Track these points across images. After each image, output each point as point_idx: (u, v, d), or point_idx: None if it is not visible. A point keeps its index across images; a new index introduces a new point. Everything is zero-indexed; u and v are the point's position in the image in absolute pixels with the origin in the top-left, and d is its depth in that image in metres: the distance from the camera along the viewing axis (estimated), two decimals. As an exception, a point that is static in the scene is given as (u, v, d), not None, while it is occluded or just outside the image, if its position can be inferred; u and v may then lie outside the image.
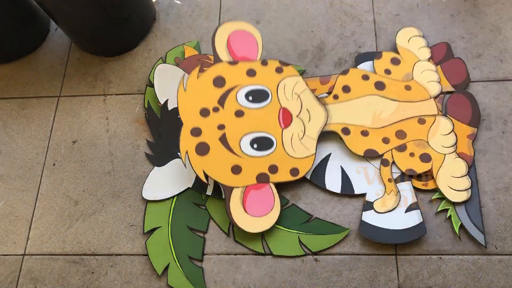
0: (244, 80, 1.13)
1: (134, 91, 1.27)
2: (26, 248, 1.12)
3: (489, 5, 1.26)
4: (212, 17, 1.35)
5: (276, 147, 1.07)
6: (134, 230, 1.10)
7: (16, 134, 1.26)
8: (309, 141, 1.08)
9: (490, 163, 1.07)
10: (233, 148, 1.07)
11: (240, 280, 1.02)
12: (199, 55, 1.27)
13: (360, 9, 1.30)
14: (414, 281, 0.99)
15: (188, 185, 1.11)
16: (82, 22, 1.21)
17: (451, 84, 1.15)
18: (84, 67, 1.33)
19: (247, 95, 1.11)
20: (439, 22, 1.25)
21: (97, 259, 1.08)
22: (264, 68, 1.14)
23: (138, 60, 1.31)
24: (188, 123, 1.09)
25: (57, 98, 1.29)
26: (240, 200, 1.03)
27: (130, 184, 1.15)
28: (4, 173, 1.21)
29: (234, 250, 1.05)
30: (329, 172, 1.08)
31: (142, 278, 1.05)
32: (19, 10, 1.29)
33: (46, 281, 1.07)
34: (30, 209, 1.16)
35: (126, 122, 1.23)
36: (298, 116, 1.09)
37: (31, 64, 1.36)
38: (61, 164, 1.20)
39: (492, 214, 1.02)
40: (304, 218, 1.06)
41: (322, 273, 1.01)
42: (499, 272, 0.98)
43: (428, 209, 1.03)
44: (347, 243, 1.03)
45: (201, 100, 1.11)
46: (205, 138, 1.07)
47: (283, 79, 1.13)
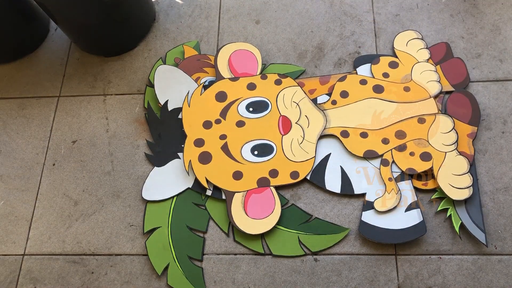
0: (245, 93, 1.18)
1: (134, 91, 1.27)
2: (26, 248, 1.12)
3: (489, 5, 1.26)
4: (212, 17, 1.35)
5: (276, 152, 1.10)
6: (134, 230, 1.10)
7: (16, 134, 1.26)
8: (308, 145, 1.10)
9: (490, 163, 1.07)
10: (234, 155, 1.11)
11: (240, 280, 1.03)
12: (199, 55, 1.27)
13: (360, 9, 1.30)
14: (414, 281, 0.99)
15: (188, 185, 1.11)
16: (82, 22, 1.21)
17: (451, 84, 1.15)
18: (84, 67, 1.33)
19: (248, 106, 1.16)
20: (438, 22, 1.25)
21: (97, 259, 1.08)
22: (264, 82, 1.19)
23: (138, 60, 1.31)
24: (192, 135, 1.14)
25: (57, 98, 1.30)
26: (241, 204, 1.06)
27: (130, 184, 1.15)
28: (4, 173, 1.21)
29: (234, 250, 1.05)
30: (329, 172, 1.08)
31: (142, 278, 1.05)
32: (19, 10, 1.29)
33: (46, 281, 1.07)
34: (30, 209, 1.16)
35: (126, 122, 1.23)
36: (297, 123, 1.13)
37: (31, 64, 1.36)
38: (61, 164, 1.20)
39: (492, 214, 1.02)
40: (304, 218, 1.06)
41: (322, 273, 1.01)
42: (499, 272, 0.98)
43: (428, 209, 1.03)
44: (347, 243, 1.03)
45: (204, 113, 1.17)
46: (208, 148, 1.12)
47: (282, 90, 1.17)
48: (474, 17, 1.25)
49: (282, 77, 1.19)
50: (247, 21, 1.32)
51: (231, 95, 1.18)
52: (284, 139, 1.11)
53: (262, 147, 1.11)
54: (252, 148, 1.11)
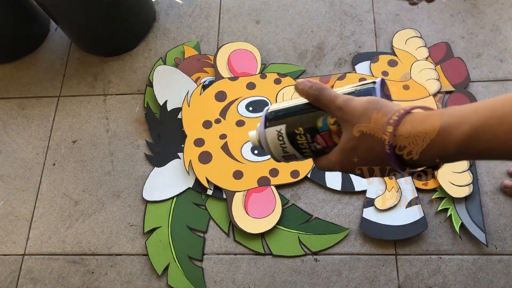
0: (245, 93, 1.18)
1: (134, 91, 1.27)
2: (26, 248, 1.12)
3: (489, 5, 1.26)
4: (212, 17, 1.35)
5: None
6: (134, 230, 1.10)
7: (16, 134, 1.26)
8: None
9: (490, 163, 1.07)
10: (234, 155, 1.11)
11: (240, 280, 1.02)
12: (199, 55, 1.27)
13: (360, 9, 1.30)
14: (414, 281, 0.98)
15: (188, 185, 1.11)
16: (82, 22, 1.21)
17: (451, 83, 1.15)
18: (84, 67, 1.33)
19: (248, 106, 1.17)
20: (439, 22, 1.25)
21: (97, 259, 1.08)
22: (263, 81, 1.19)
23: (138, 60, 1.31)
24: (192, 135, 1.15)
25: (57, 98, 1.29)
26: (242, 203, 1.06)
27: (130, 184, 1.15)
28: (4, 173, 1.21)
29: (234, 250, 1.05)
30: (329, 170, 1.08)
31: (142, 278, 1.05)
32: (19, 10, 1.29)
33: (46, 281, 1.07)
34: (30, 209, 1.16)
35: (126, 122, 1.23)
36: None
37: (31, 64, 1.36)
38: (61, 164, 1.20)
39: (492, 214, 1.02)
40: (304, 218, 1.06)
41: (322, 273, 1.01)
42: (499, 272, 0.97)
43: (428, 209, 1.03)
44: (347, 243, 1.03)
45: (204, 113, 1.17)
46: (208, 148, 1.13)
47: (281, 89, 1.17)
48: (475, 17, 1.24)
49: (281, 76, 1.19)
50: (247, 21, 1.32)
51: (230, 94, 1.18)
52: None
53: None
54: (252, 147, 1.11)
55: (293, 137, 0.46)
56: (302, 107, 0.46)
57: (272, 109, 0.48)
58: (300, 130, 0.45)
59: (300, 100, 0.46)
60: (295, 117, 0.46)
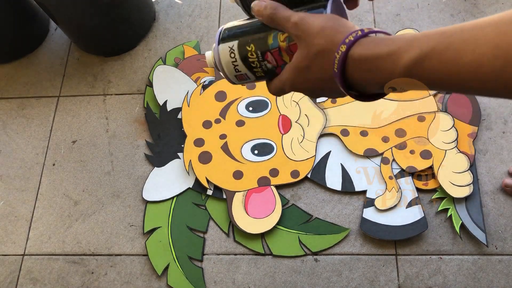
0: (244, 93, 1.18)
1: (134, 91, 1.27)
2: (26, 248, 1.11)
3: (489, 5, 1.26)
4: (212, 17, 1.35)
5: (277, 151, 1.10)
6: (134, 230, 1.10)
7: (16, 134, 1.26)
8: (309, 144, 1.10)
9: (490, 163, 1.07)
10: (234, 155, 1.11)
11: (240, 280, 1.02)
12: (199, 55, 1.27)
13: (360, 9, 1.30)
14: (414, 281, 0.98)
15: (188, 185, 1.11)
16: (82, 22, 1.21)
17: (451, 84, 1.15)
18: (84, 67, 1.33)
19: (248, 106, 1.16)
20: (439, 21, 1.25)
21: (97, 259, 1.08)
22: None
23: (138, 60, 1.31)
24: (192, 135, 1.14)
25: (56, 98, 1.29)
26: (242, 204, 1.06)
27: (130, 184, 1.15)
28: (4, 173, 1.21)
29: (234, 250, 1.05)
30: (329, 169, 1.08)
31: (142, 278, 1.05)
32: (19, 10, 1.29)
33: (45, 281, 1.07)
34: (30, 209, 1.16)
35: (126, 122, 1.23)
36: (297, 122, 1.13)
37: (31, 64, 1.36)
38: (61, 164, 1.20)
39: (492, 214, 1.02)
40: (304, 218, 1.05)
41: (322, 273, 1.01)
42: (499, 273, 0.97)
43: (428, 209, 1.03)
44: (347, 243, 1.03)
45: (204, 113, 1.17)
46: (208, 148, 1.12)
47: None
48: (475, 17, 1.24)
49: None
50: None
51: (230, 94, 1.18)
52: (284, 138, 1.11)
53: (262, 147, 1.11)
54: (252, 147, 1.11)
55: (244, 55, 0.46)
56: (257, 25, 0.45)
57: (227, 26, 0.48)
58: (252, 47, 0.45)
59: (257, 20, 0.46)
60: (248, 35, 0.45)
